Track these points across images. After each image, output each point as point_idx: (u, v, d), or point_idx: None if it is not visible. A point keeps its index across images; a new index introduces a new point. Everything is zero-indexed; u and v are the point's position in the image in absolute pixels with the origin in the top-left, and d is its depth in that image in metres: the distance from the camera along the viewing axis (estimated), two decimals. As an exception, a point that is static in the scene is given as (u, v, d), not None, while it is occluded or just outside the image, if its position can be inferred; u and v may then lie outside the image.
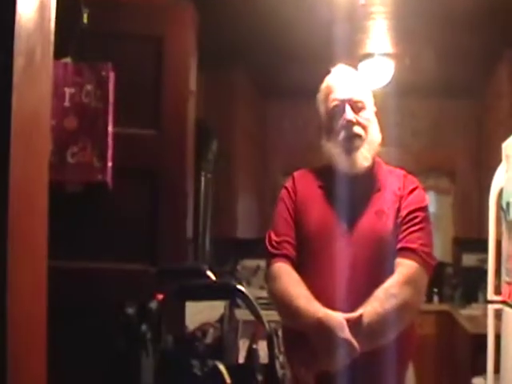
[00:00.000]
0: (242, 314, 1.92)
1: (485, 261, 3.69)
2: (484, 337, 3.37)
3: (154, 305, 1.47)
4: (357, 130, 2.17)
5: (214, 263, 4.24)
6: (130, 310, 1.43)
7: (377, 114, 2.27)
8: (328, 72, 2.30)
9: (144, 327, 1.40)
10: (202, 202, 3.99)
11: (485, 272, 3.54)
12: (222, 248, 5.30)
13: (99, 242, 2.38)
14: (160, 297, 1.49)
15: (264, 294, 2.42)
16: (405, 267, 2.07)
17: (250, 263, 5.99)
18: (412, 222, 2.13)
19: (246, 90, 5.74)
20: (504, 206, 3.14)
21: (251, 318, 1.59)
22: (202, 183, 4.02)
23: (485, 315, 3.62)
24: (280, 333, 1.71)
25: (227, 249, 5.74)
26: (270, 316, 1.81)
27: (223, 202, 5.01)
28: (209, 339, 1.59)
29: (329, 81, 2.27)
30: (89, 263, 2.36)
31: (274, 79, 5.72)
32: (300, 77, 5.07)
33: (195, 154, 2.75)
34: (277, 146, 6.34)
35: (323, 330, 1.92)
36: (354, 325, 1.93)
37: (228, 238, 5.41)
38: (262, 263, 2.26)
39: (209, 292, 1.56)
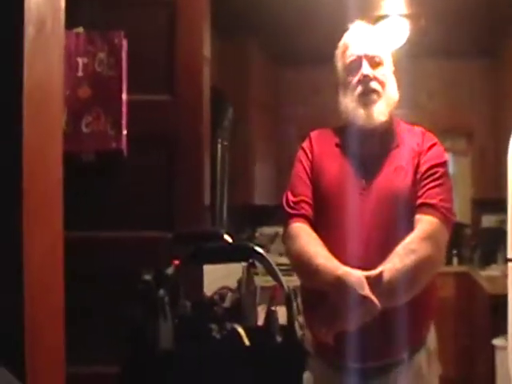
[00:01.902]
0: (260, 280, 1.92)
1: (504, 221, 3.67)
2: (504, 297, 3.38)
3: (170, 270, 1.48)
4: (374, 85, 2.15)
5: (231, 230, 4.25)
6: (147, 277, 1.44)
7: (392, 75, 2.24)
8: (346, 29, 2.27)
9: (161, 292, 1.41)
10: (219, 170, 3.99)
11: (504, 233, 3.53)
12: (240, 215, 5.31)
13: (116, 211, 2.38)
14: (177, 263, 1.50)
15: (283, 260, 2.42)
16: (425, 223, 2.05)
17: (269, 230, 5.99)
18: (431, 178, 2.12)
19: (259, 57, 5.71)
20: (523, 162, 3.10)
21: (269, 283, 1.59)
22: (219, 151, 4.01)
23: (504, 276, 3.62)
24: (299, 294, 1.70)
25: (245, 216, 5.75)
26: (290, 282, 1.81)
27: (240, 169, 5.02)
28: (227, 303, 1.60)
29: (346, 37, 2.24)
30: (106, 232, 2.37)
31: (288, 46, 5.66)
32: (314, 43, 5.02)
33: (211, 122, 2.73)
34: (291, 113, 6.31)
35: (343, 287, 1.91)
36: (375, 282, 1.91)
37: (246, 205, 5.42)
38: (281, 230, 2.26)
39: (226, 254, 1.56)
